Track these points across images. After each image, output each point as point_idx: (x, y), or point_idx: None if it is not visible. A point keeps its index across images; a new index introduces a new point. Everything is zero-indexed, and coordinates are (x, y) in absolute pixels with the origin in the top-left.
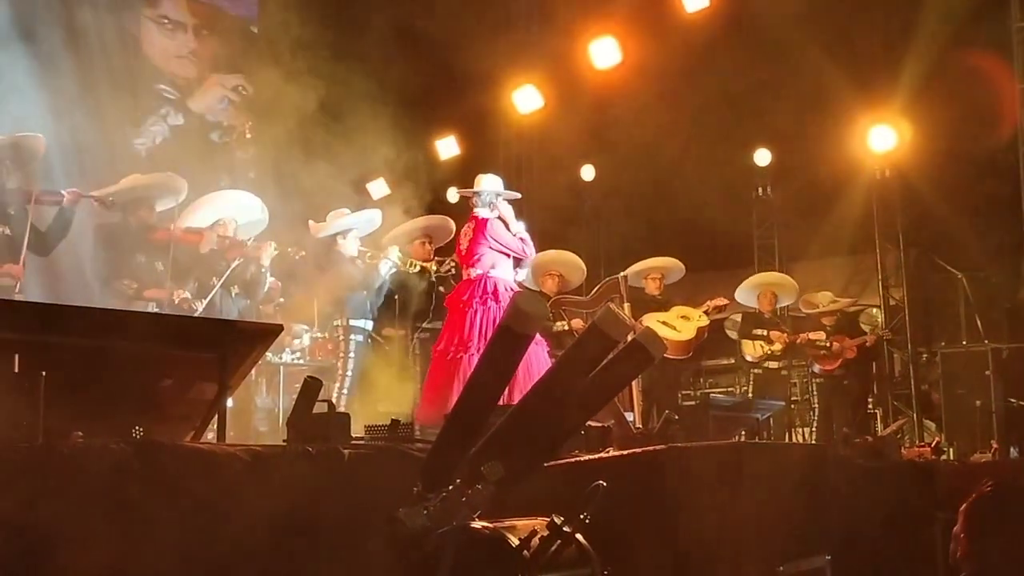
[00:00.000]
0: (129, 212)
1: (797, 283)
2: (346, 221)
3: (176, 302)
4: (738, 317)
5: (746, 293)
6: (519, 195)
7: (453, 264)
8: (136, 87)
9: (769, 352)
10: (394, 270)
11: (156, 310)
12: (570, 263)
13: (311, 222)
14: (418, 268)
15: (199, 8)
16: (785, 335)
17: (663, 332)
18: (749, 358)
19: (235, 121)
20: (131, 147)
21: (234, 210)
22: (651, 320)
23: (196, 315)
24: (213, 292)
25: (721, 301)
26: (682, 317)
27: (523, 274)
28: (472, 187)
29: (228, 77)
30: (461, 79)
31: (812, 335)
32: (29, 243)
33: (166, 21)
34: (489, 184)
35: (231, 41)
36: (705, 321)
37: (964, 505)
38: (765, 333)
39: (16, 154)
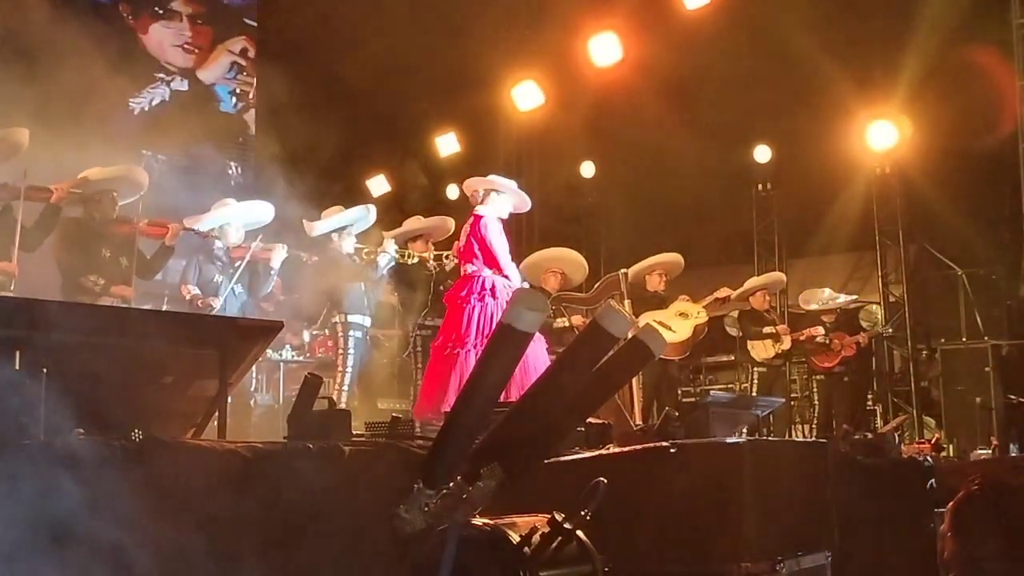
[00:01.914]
0: (91, 206)
1: (797, 279)
2: (341, 218)
3: (187, 298)
4: (735, 314)
5: (738, 297)
6: (526, 196)
7: (451, 260)
8: (134, 71)
9: (780, 351)
10: (392, 263)
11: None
12: (573, 261)
13: (305, 221)
14: (416, 259)
15: None
16: (790, 331)
17: None
18: (759, 359)
19: (245, 86)
20: (125, 105)
21: (244, 216)
22: (647, 320)
23: (213, 313)
24: (226, 292)
25: (723, 293)
26: (680, 315)
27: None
28: (486, 179)
29: (232, 42)
30: (462, 76)
31: (812, 331)
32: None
33: (161, 10)
34: (497, 181)
35: (228, 31)
36: (704, 318)
37: (951, 504)
38: (775, 331)
39: (1, 149)
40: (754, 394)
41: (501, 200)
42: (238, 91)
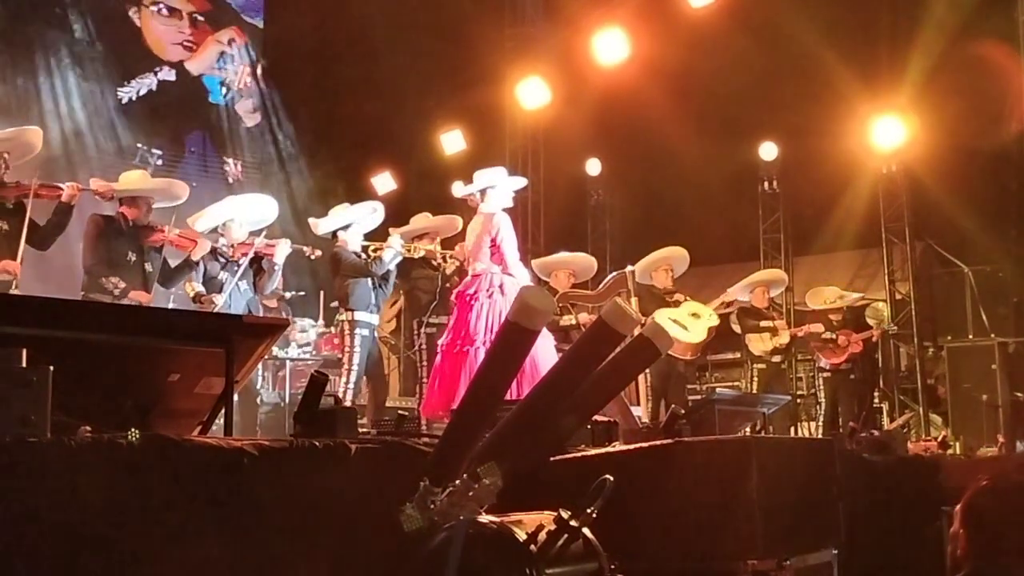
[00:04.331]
0: (125, 207)
1: (803, 277)
2: (348, 215)
3: (190, 295)
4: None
5: (739, 292)
6: (517, 177)
7: (453, 262)
8: (131, 65)
9: (777, 345)
10: (399, 258)
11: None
12: (585, 265)
13: (311, 219)
14: (422, 253)
15: None
16: (788, 326)
17: (672, 331)
18: (758, 352)
19: (233, 76)
20: (114, 94)
21: (247, 212)
22: (662, 318)
23: (216, 310)
24: (229, 289)
25: (729, 297)
26: (692, 315)
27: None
28: (474, 181)
29: (221, 32)
30: (468, 72)
31: (812, 327)
32: (27, 237)
33: (161, 7)
34: (484, 178)
35: (241, 34)
36: (716, 320)
37: (962, 502)
38: (772, 325)
39: (13, 148)
40: (754, 391)
41: (499, 193)
42: (227, 81)
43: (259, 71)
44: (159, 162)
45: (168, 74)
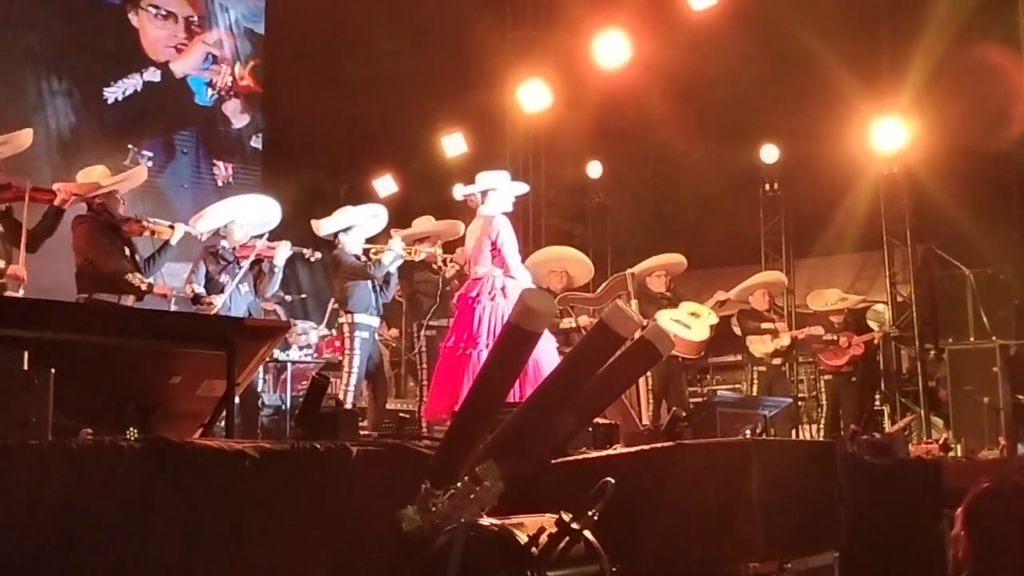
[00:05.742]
0: (102, 204)
1: (804, 279)
2: (349, 217)
3: (189, 297)
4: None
5: (739, 294)
6: (520, 183)
7: (453, 266)
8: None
9: (778, 347)
10: (399, 261)
11: (175, 307)
12: (575, 260)
13: (313, 221)
14: (423, 256)
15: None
16: (789, 328)
17: (676, 331)
18: (759, 354)
19: (217, 77)
20: (99, 95)
21: (249, 214)
22: (664, 318)
23: (213, 312)
24: (230, 291)
25: (722, 296)
26: (692, 314)
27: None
28: (476, 182)
29: (209, 33)
30: (469, 75)
31: (813, 330)
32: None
33: (157, 10)
34: (486, 180)
35: (229, 36)
36: (716, 319)
37: (962, 506)
38: (773, 327)
39: (8, 151)
40: (755, 394)
41: (500, 196)
42: (213, 81)
43: (252, 72)
44: (149, 164)
45: (153, 75)
